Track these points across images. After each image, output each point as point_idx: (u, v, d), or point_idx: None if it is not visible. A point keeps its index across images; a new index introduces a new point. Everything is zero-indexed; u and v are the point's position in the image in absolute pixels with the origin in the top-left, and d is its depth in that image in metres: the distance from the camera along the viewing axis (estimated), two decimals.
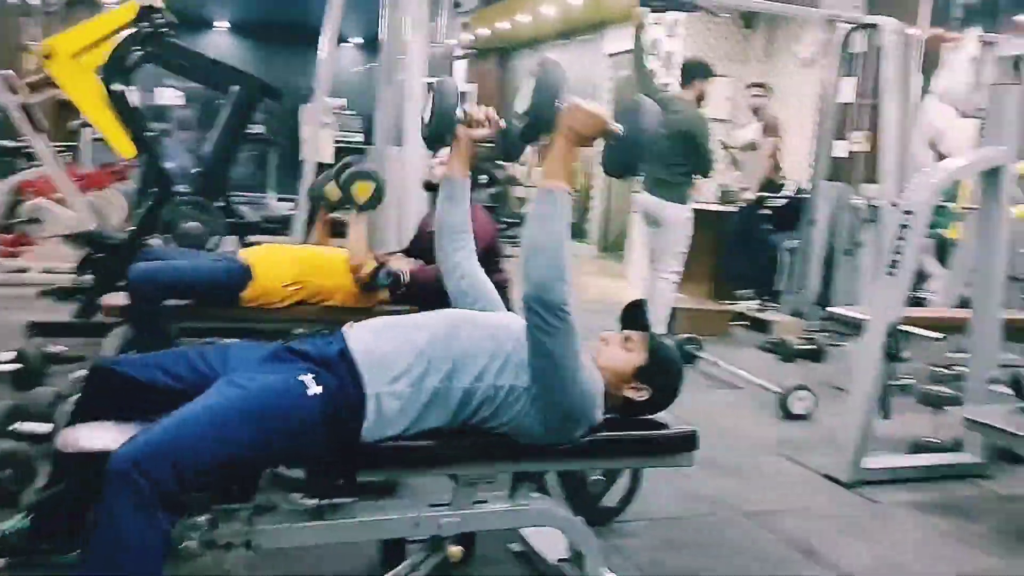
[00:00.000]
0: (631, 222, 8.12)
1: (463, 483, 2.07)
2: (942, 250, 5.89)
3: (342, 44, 14.05)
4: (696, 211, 5.16)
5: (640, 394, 2.01)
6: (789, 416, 4.04)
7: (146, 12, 4.27)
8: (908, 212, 3.11)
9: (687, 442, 2.16)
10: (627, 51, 9.49)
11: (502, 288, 2.34)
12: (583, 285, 7.57)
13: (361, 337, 1.89)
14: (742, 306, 6.54)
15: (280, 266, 3.44)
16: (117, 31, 4.30)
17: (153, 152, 4.55)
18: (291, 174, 11.33)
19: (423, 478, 2.21)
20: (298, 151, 9.90)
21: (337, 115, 9.03)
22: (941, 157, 7.42)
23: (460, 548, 2.07)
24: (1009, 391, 3.12)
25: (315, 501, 1.95)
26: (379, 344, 1.86)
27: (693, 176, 5.05)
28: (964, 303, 5.40)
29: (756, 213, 7.18)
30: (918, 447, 3.54)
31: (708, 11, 5.63)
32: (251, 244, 5.26)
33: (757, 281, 7.08)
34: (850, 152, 6.43)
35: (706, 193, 6.77)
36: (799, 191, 7.45)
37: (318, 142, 9.30)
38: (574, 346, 1.79)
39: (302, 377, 1.75)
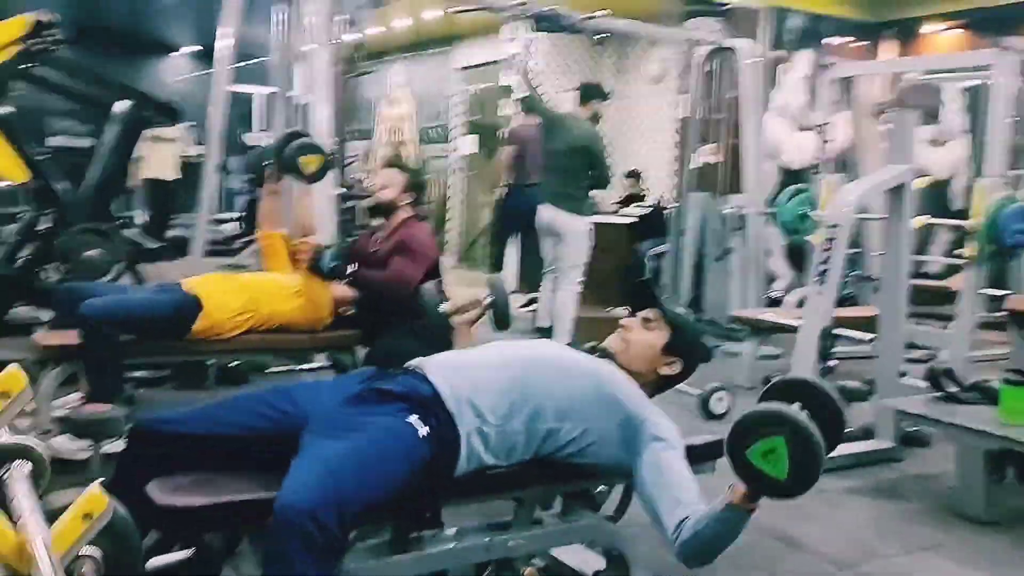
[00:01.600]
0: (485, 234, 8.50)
1: (526, 505, 2.14)
2: (798, 254, 6.43)
3: (171, 54, 13.38)
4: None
5: (673, 368, 2.15)
6: (711, 416, 4.30)
7: (40, 27, 3.97)
8: (834, 226, 3.45)
9: (715, 449, 2.34)
10: (478, 65, 9.72)
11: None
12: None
13: (443, 376, 1.91)
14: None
15: (228, 296, 3.36)
16: (3, 47, 3.98)
17: (45, 176, 4.24)
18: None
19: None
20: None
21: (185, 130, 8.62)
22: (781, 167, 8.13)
23: (535, 567, 2.12)
24: (922, 383, 3.50)
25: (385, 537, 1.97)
26: (462, 384, 1.90)
27: (592, 189, 5.31)
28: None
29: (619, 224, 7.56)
30: None
31: (590, 34, 5.91)
32: (138, 272, 4.99)
33: (624, 289, 7.46)
34: (704, 164, 6.91)
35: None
36: (659, 201, 7.91)
37: (161, 158, 8.90)
38: None
39: (409, 419, 1.77)
